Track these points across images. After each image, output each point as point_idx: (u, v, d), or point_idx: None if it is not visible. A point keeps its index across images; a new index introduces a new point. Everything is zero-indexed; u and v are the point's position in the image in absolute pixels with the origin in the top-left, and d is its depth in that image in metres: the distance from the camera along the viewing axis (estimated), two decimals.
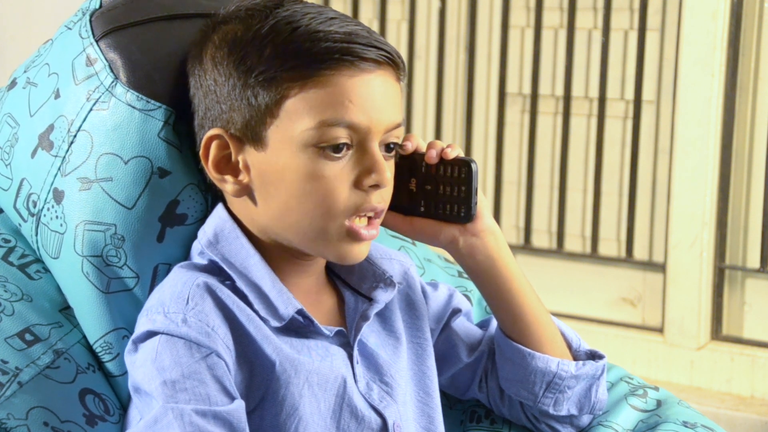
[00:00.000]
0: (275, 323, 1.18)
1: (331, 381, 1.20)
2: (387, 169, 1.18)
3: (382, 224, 1.27)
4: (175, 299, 1.15)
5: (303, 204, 1.17)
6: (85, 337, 1.29)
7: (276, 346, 1.17)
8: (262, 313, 1.18)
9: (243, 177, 1.20)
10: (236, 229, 1.21)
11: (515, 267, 1.31)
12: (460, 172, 1.25)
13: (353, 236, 1.18)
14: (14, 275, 1.31)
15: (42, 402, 1.21)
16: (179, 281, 1.17)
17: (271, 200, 1.19)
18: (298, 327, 1.20)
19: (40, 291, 1.30)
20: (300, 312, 1.19)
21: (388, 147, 1.21)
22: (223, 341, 1.14)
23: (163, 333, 1.14)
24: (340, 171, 1.17)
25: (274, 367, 1.16)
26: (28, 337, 1.25)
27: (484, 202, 1.28)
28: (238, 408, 1.11)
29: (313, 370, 1.19)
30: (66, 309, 1.31)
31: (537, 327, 1.31)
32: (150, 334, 1.15)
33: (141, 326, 1.16)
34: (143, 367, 1.13)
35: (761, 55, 2.49)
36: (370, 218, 1.20)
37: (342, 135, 1.16)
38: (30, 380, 1.22)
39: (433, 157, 1.26)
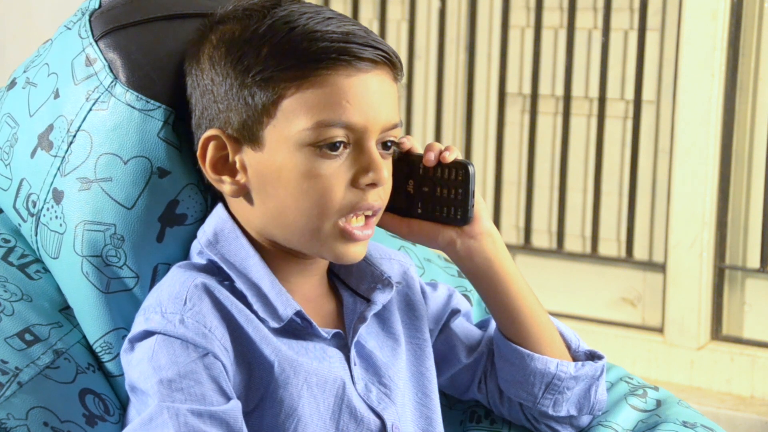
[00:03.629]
0: (274, 324, 1.18)
1: (330, 382, 1.20)
2: (384, 168, 1.18)
3: (380, 226, 1.27)
4: (173, 299, 1.15)
5: (299, 203, 1.17)
6: (85, 337, 1.29)
7: (275, 347, 1.17)
8: (261, 313, 1.18)
9: (240, 177, 1.20)
10: (236, 229, 1.21)
11: (513, 269, 1.30)
12: (457, 174, 1.25)
13: (347, 237, 1.18)
14: (14, 275, 1.31)
15: (42, 402, 1.21)
16: (177, 281, 1.17)
17: (269, 200, 1.19)
18: (296, 328, 1.20)
19: (40, 291, 1.30)
20: (298, 313, 1.19)
21: (385, 145, 1.21)
22: (220, 342, 1.14)
23: (160, 333, 1.14)
24: (336, 169, 1.17)
25: (272, 368, 1.16)
26: (27, 337, 1.25)
27: (481, 204, 1.28)
28: (234, 408, 1.11)
29: (312, 370, 1.19)
30: (66, 309, 1.31)
31: (535, 329, 1.31)
32: (147, 334, 1.15)
33: (138, 325, 1.16)
34: (139, 366, 1.13)
35: (761, 55, 2.49)
36: (367, 217, 1.20)
37: (339, 135, 1.16)
38: (30, 380, 1.22)
39: (430, 160, 1.26)
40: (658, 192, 2.66)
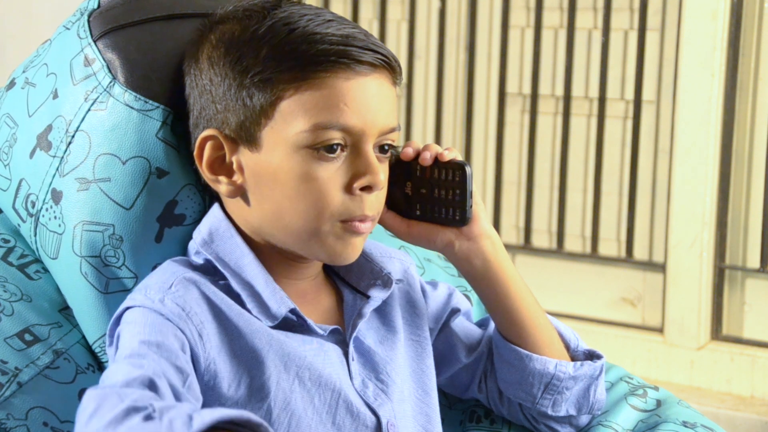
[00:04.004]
0: (268, 322, 1.18)
1: (325, 376, 1.20)
2: (381, 171, 1.18)
3: (381, 223, 1.27)
4: (159, 284, 1.16)
5: (296, 205, 1.17)
6: (84, 337, 1.30)
7: (267, 342, 1.17)
8: (255, 312, 1.18)
9: (237, 178, 1.20)
10: (231, 229, 1.22)
11: (512, 271, 1.31)
12: (455, 175, 1.25)
13: (349, 230, 1.18)
14: (14, 275, 1.31)
15: (41, 402, 1.22)
16: (168, 271, 1.18)
17: (265, 201, 1.19)
18: (292, 326, 1.20)
19: (40, 291, 1.31)
20: (293, 311, 1.19)
21: (382, 148, 1.21)
22: (195, 327, 1.14)
23: (138, 306, 1.14)
24: (333, 173, 1.17)
25: (264, 363, 1.16)
26: (27, 337, 1.25)
27: (480, 206, 1.28)
28: (186, 359, 1.10)
29: (305, 365, 1.19)
30: (65, 309, 1.31)
31: (534, 330, 1.31)
32: (126, 309, 1.16)
33: (121, 306, 1.17)
34: (119, 336, 1.14)
35: (761, 55, 2.49)
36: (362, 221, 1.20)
37: (336, 137, 1.16)
38: (29, 380, 1.22)
39: (427, 159, 1.26)
40: (658, 192, 2.66)
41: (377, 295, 1.27)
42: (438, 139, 2.88)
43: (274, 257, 1.22)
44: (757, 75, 2.50)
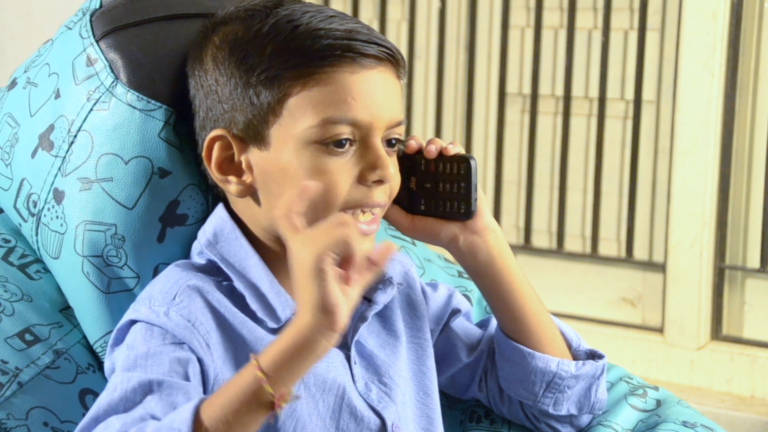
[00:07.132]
0: (272, 324, 1.18)
1: (329, 381, 1.20)
2: (390, 164, 1.19)
3: (385, 218, 1.27)
4: (163, 294, 1.16)
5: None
6: (85, 337, 1.30)
7: None
8: (260, 313, 1.18)
9: (246, 177, 1.20)
10: (236, 230, 1.21)
11: (515, 266, 1.31)
12: (459, 168, 1.25)
13: None
14: (14, 275, 1.31)
15: (42, 402, 1.21)
16: (171, 279, 1.18)
17: (275, 199, 1.19)
18: None
19: (40, 291, 1.31)
20: None
21: (389, 142, 1.21)
22: (202, 338, 1.13)
23: (143, 321, 1.14)
24: (343, 166, 1.17)
25: None
26: (28, 337, 1.25)
27: (483, 200, 1.29)
28: (189, 385, 1.09)
29: (310, 371, 1.18)
30: (66, 309, 1.31)
31: (537, 327, 1.31)
32: (131, 323, 1.15)
33: (125, 316, 1.17)
34: (120, 353, 1.14)
35: (761, 55, 2.49)
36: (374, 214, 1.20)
37: (345, 132, 1.17)
38: (30, 380, 1.22)
39: (432, 151, 1.26)
40: (658, 192, 2.66)
41: (379, 299, 1.27)
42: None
43: (281, 258, 1.21)
44: (757, 75, 2.50)
